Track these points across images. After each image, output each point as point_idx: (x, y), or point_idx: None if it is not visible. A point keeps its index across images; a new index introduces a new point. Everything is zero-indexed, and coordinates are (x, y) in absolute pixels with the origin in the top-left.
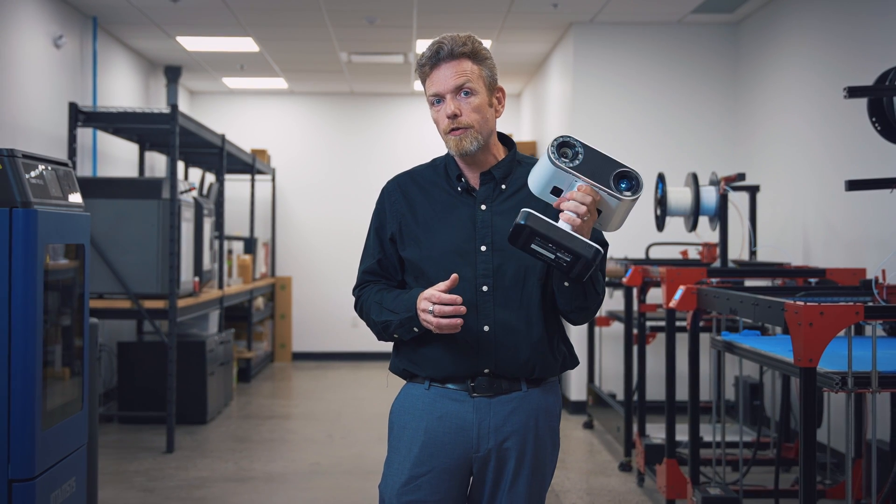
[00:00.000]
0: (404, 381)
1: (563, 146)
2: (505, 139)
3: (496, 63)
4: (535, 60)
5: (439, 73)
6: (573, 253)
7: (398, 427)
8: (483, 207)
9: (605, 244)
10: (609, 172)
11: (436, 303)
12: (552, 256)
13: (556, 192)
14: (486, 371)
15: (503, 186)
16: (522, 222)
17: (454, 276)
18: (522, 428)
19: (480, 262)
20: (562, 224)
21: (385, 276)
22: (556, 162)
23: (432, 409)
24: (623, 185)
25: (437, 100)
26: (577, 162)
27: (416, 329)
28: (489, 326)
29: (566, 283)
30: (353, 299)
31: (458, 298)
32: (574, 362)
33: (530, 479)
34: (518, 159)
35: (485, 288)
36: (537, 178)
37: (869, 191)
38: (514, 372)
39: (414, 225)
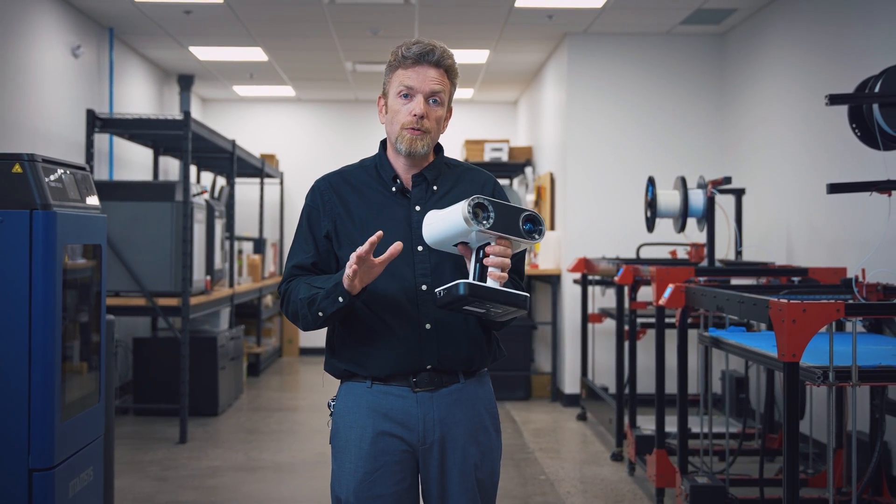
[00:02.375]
0: (339, 381)
1: (478, 208)
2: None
3: (493, 71)
4: (530, 69)
5: (421, 72)
6: (507, 306)
7: (344, 427)
8: (417, 208)
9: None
10: (516, 220)
11: (357, 254)
12: (483, 311)
13: (460, 243)
14: (429, 367)
15: (434, 188)
16: (463, 293)
17: (378, 232)
18: (466, 418)
19: (419, 261)
20: (490, 282)
21: (314, 273)
22: (476, 226)
23: (377, 405)
24: (528, 228)
25: (406, 93)
26: (491, 221)
27: (341, 299)
28: (430, 324)
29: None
30: None
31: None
32: (502, 353)
33: (479, 465)
34: (446, 162)
35: (424, 287)
36: (442, 234)
37: (849, 193)
38: (454, 366)
39: (350, 224)
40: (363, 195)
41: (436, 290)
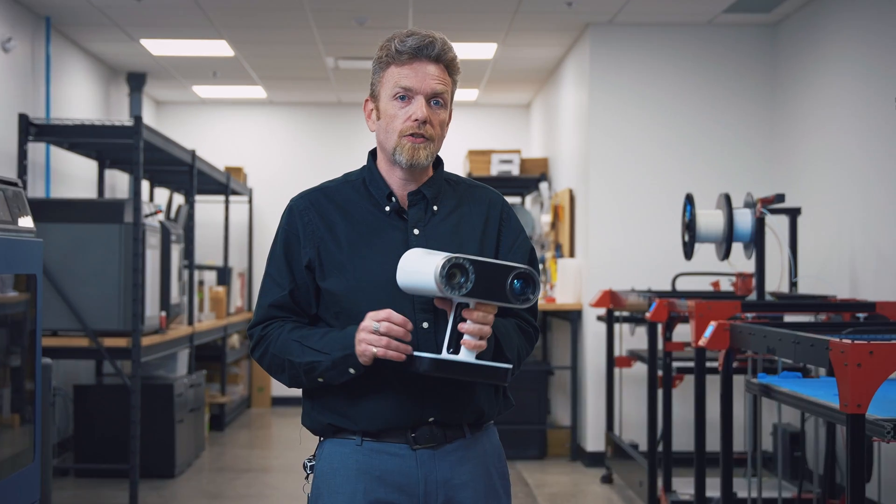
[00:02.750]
0: (319, 437)
1: (453, 270)
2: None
3: (502, 69)
4: (546, 66)
5: (419, 69)
6: (484, 379)
7: (329, 493)
8: (416, 232)
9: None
10: (504, 280)
11: (383, 320)
12: (458, 379)
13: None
14: (431, 419)
15: (435, 208)
16: (426, 369)
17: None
18: (473, 478)
19: (418, 297)
20: (464, 355)
21: (295, 312)
22: (449, 295)
23: (369, 467)
24: (518, 287)
25: (403, 95)
26: (470, 285)
27: (352, 370)
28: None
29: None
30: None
31: (409, 322)
32: (510, 403)
33: None
34: (446, 178)
35: (425, 325)
36: (414, 286)
37: None
38: (460, 418)
39: (336, 251)
40: (351, 216)
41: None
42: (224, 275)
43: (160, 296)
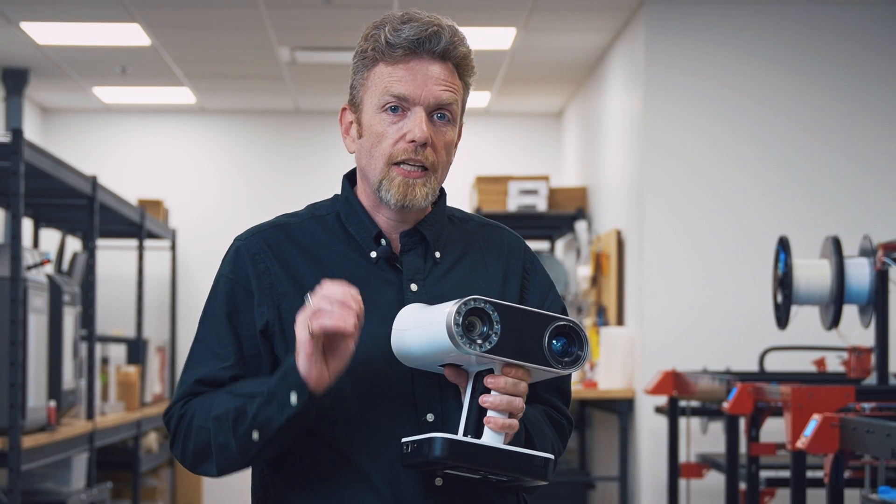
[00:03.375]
0: None
1: (471, 318)
2: None
3: (522, 64)
4: (583, 61)
5: (419, 69)
6: (516, 473)
7: None
8: (414, 287)
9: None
10: (539, 334)
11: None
12: (478, 476)
13: (448, 364)
14: None
15: (437, 254)
16: (438, 455)
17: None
18: None
19: (419, 375)
20: (489, 438)
21: None
22: (468, 352)
23: None
24: (559, 347)
25: (395, 106)
26: (495, 339)
27: (294, 395)
28: (442, 477)
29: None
30: None
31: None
32: None
33: None
34: (449, 214)
35: (430, 417)
36: (417, 350)
37: None
38: None
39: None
40: (323, 265)
41: (402, 440)
42: (137, 350)
43: (48, 379)
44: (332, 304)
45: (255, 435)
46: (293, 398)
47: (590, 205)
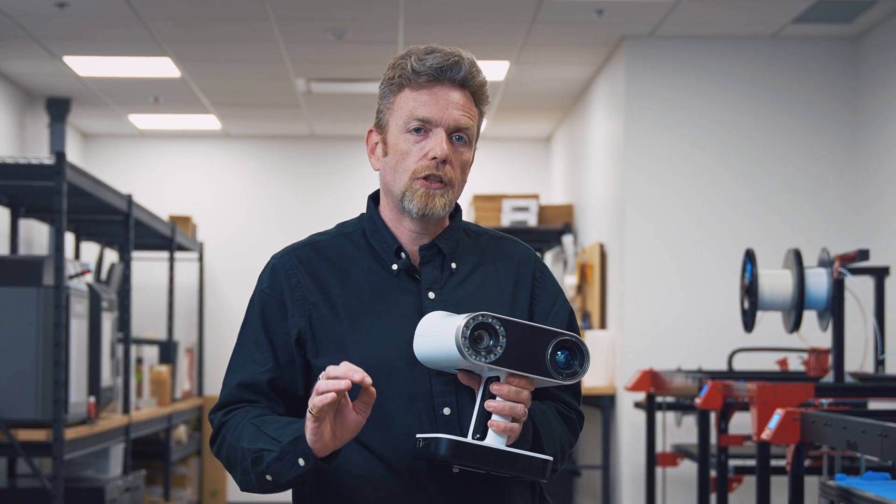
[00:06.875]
0: None
1: (479, 332)
2: None
3: (515, 93)
4: (570, 90)
5: (441, 95)
6: (515, 472)
7: None
8: (431, 295)
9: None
10: (543, 348)
11: (331, 377)
12: (483, 471)
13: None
14: None
15: (453, 265)
16: (444, 453)
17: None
18: None
19: (437, 374)
20: (493, 439)
21: (270, 397)
22: (474, 362)
23: None
24: (562, 360)
25: (419, 127)
26: (500, 351)
27: (301, 461)
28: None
29: None
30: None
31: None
32: None
33: None
34: (465, 228)
35: (447, 410)
36: (434, 355)
37: None
38: None
39: (334, 322)
40: (349, 277)
41: (417, 435)
42: (168, 351)
43: (88, 377)
44: (328, 384)
45: (269, 478)
46: (301, 461)
47: (576, 220)
